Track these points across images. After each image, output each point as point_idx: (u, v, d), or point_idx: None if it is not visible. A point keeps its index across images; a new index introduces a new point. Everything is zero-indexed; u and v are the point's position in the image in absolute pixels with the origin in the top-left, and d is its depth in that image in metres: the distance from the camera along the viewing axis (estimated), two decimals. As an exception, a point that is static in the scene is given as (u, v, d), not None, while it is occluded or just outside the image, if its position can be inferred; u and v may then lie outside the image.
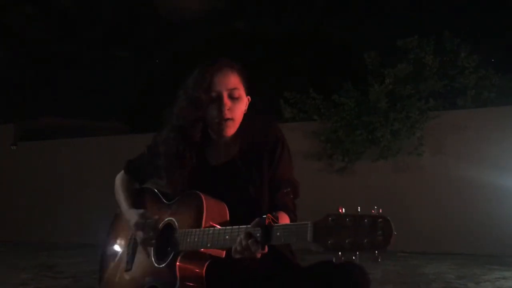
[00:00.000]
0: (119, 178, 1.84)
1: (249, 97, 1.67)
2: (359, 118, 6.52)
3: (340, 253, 1.07)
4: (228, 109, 1.56)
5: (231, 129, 1.60)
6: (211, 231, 1.40)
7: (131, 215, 1.63)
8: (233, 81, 1.58)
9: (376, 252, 1.04)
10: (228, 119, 1.57)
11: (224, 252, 1.42)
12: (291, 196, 1.60)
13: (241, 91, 1.60)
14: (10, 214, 8.44)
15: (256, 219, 1.29)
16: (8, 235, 8.12)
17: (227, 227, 1.40)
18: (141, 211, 1.62)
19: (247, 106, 1.66)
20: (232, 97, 1.57)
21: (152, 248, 1.55)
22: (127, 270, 1.63)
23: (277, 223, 1.26)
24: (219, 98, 1.56)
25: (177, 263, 1.43)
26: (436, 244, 5.96)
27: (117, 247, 1.75)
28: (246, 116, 1.66)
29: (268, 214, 1.27)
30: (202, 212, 1.44)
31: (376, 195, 6.37)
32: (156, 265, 1.51)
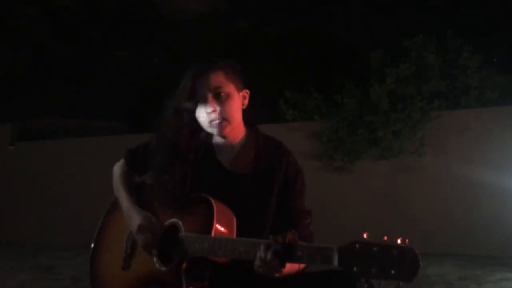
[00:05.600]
0: (118, 169, 1.78)
1: (246, 90, 1.62)
2: (360, 118, 6.49)
3: (364, 279, 1.08)
4: (214, 111, 1.52)
5: (226, 129, 1.55)
6: (223, 240, 1.36)
7: (134, 215, 1.58)
8: (215, 81, 1.53)
9: (401, 283, 1.04)
10: (219, 120, 1.53)
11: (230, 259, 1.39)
12: (310, 228, 1.59)
13: (228, 88, 1.54)
14: (8, 215, 8.40)
15: (277, 235, 1.26)
16: (6, 236, 8.08)
17: (243, 238, 1.37)
18: (146, 213, 1.57)
19: (247, 100, 1.62)
20: (218, 97, 1.53)
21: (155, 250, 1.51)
22: (125, 268, 1.58)
23: (298, 241, 1.25)
24: (204, 101, 1.53)
25: (183, 268, 1.40)
26: (437, 245, 5.92)
27: (111, 243, 1.69)
28: (261, 133, 1.64)
29: (290, 232, 1.25)
30: (213, 219, 1.40)
31: (378, 196, 6.35)
32: (159, 267, 1.47)
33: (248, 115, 1.64)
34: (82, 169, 8.05)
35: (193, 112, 1.56)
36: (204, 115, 1.54)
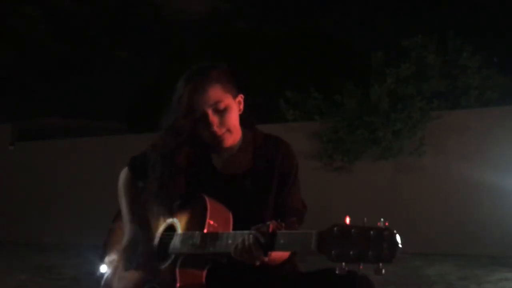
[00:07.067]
0: (123, 175, 1.79)
1: (241, 95, 1.61)
2: (360, 118, 6.50)
3: (343, 263, 1.05)
4: (217, 126, 1.51)
5: (229, 139, 1.55)
6: (214, 235, 1.37)
7: (126, 232, 1.62)
8: (214, 95, 1.50)
9: (381, 264, 1.01)
10: (221, 133, 1.52)
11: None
12: (296, 225, 1.54)
13: (226, 100, 1.52)
14: (7, 215, 8.41)
15: (260, 225, 1.26)
16: (6, 235, 8.08)
17: (231, 232, 1.38)
18: (136, 234, 1.59)
19: (242, 105, 1.61)
20: (218, 111, 1.51)
21: (151, 251, 1.53)
22: (127, 269, 1.59)
23: (281, 230, 1.24)
24: (205, 117, 1.50)
25: (178, 266, 1.41)
26: (437, 245, 5.93)
27: (117, 245, 1.71)
28: (259, 132, 1.64)
29: (273, 221, 1.24)
30: (206, 215, 1.41)
31: (378, 195, 6.35)
32: (156, 266, 1.49)
33: (245, 117, 1.63)
34: (82, 169, 8.05)
35: (190, 129, 1.55)
36: (206, 131, 1.53)
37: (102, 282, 1.68)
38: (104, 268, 1.71)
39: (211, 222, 1.41)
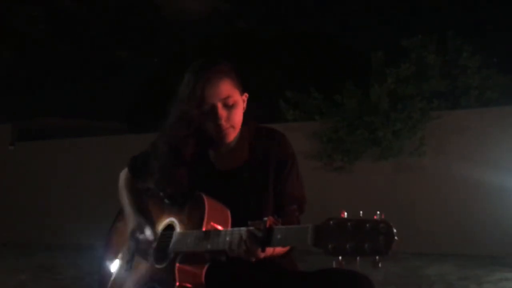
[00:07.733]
0: (123, 176, 1.81)
1: (246, 94, 1.62)
2: (360, 118, 6.50)
3: (340, 257, 1.04)
4: (224, 120, 1.52)
5: (232, 135, 1.56)
6: (211, 232, 1.38)
7: (130, 221, 1.63)
8: (225, 90, 1.51)
9: (377, 257, 1.01)
10: (226, 128, 1.53)
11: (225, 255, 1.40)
12: (297, 214, 1.58)
13: (235, 96, 1.54)
14: (8, 215, 8.40)
15: (257, 221, 1.26)
16: (6, 235, 8.08)
17: (228, 229, 1.38)
18: (141, 219, 1.61)
19: (245, 103, 1.62)
20: (227, 106, 1.52)
21: (151, 251, 1.53)
22: (127, 269, 1.61)
23: (278, 226, 1.24)
24: (213, 110, 1.51)
25: (176, 264, 1.41)
26: (437, 245, 5.93)
27: (118, 246, 1.73)
28: (255, 125, 1.64)
29: (270, 217, 1.25)
30: (204, 214, 1.42)
31: (378, 196, 6.35)
32: (155, 265, 1.49)
33: (247, 116, 1.63)
34: (82, 169, 8.05)
35: (199, 120, 1.55)
36: (213, 124, 1.53)
37: (110, 280, 1.68)
38: (115, 266, 1.70)
39: (210, 221, 1.42)
